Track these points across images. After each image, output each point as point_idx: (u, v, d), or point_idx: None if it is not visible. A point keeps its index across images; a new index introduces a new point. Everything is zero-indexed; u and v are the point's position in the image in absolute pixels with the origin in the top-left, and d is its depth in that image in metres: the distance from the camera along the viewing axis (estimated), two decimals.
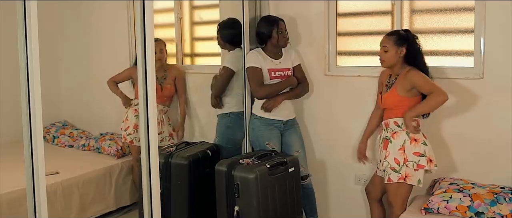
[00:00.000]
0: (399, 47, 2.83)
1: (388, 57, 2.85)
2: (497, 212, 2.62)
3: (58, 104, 4.98)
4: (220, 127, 3.61)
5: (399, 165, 2.78)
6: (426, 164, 2.77)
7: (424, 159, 2.77)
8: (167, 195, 3.23)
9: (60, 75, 4.96)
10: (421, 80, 2.79)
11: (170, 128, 3.97)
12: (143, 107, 2.46)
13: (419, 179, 2.79)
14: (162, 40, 3.89)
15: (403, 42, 2.83)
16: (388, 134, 2.87)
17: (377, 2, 3.37)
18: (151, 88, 2.43)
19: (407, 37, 2.84)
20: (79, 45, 4.85)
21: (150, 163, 2.51)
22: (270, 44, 3.35)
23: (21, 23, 2.02)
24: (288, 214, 3.13)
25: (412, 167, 2.76)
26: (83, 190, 3.68)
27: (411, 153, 2.77)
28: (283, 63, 3.38)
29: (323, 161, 3.62)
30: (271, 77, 3.32)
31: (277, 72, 3.34)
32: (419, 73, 2.80)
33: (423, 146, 2.79)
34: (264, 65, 3.31)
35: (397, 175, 2.78)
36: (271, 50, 3.37)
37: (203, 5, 4.26)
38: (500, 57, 2.88)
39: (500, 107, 2.90)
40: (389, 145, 2.84)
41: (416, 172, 2.77)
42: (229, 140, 3.58)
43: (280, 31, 3.31)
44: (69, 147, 4.51)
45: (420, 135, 2.81)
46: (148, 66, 2.41)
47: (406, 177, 2.77)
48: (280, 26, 3.33)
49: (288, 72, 3.38)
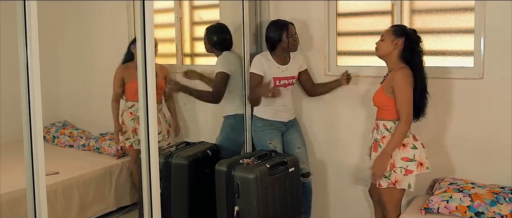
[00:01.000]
0: (396, 38, 2.73)
1: (382, 46, 2.77)
2: (497, 212, 2.62)
3: (58, 104, 4.99)
4: (224, 128, 3.61)
5: (388, 170, 2.72)
6: (416, 168, 2.69)
7: (413, 163, 2.69)
8: (167, 195, 3.24)
9: (60, 75, 4.97)
10: (400, 87, 2.66)
11: (167, 124, 3.97)
12: (143, 108, 2.45)
13: (409, 183, 2.71)
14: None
15: (401, 34, 2.74)
16: (378, 136, 2.80)
17: (377, 2, 3.37)
18: (151, 88, 2.43)
19: (406, 31, 2.76)
20: (79, 45, 4.86)
21: (150, 163, 2.51)
22: (280, 49, 3.29)
23: (21, 23, 2.01)
24: (288, 214, 3.13)
25: (400, 173, 2.69)
26: (83, 190, 3.68)
27: (399, 158, 2.70)
28: (290, 70, 3.34)
29: (323, 161, 3.62)
30: (275, 86, 3.28)
31: (282, 80, 3.30)
32: (403, 79, 2.66)
33: (412, 150, 2.70)
34: (269, 73, 3.27)
35: (386, 180, 2.73)
36: (280, 55, 3.32)
37: (203, 5, 4.26)
38: (500, 57, 2.88)
39: (500, 108, 2.90)
40: (378, 148, 2.77)
41: (406, 177, 2.70)
42: (232, 141, 3.57)
43: (290, 35, 3.26)
44: (69, 147, 4.52)
45: (410, 138, 2.72)
46: (148, 66, 2.41)
47: (396, 182, 2.71)
48: (290, 30, 3.27)
49: (293, 80, 3.36)
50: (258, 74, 3.26)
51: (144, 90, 2.44)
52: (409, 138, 2.72)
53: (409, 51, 2.74)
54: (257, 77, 3.26)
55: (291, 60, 3.36)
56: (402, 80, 2.67)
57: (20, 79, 2.05)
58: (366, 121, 3.26)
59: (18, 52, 2.03)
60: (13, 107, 2.59)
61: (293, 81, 3.38)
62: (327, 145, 3.59)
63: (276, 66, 3.30)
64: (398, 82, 2.67)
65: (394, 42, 2.74)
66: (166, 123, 3.97)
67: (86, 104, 4.89)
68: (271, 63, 3.29)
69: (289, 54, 3.36)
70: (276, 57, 3.31)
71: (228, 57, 3.53)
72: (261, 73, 3.26)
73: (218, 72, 3.47)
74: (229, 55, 3.55)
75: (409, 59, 2.74)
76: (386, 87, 2.75)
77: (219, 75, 3.46)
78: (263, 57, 3.30)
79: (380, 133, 2.79)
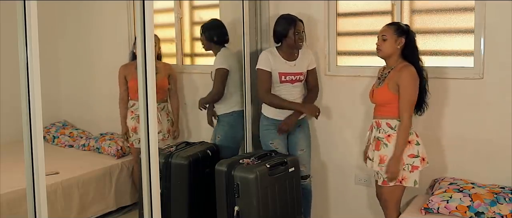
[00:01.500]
0: (399, 37, 2.75)
1: (386, 46, 2.77)
2: (497, 212, 2.62)
3: (58, 104, 4.99)
4: (222, 126, 3.61)
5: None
6: (420, 164, 2.74)
7: (418, 159, 2.73)
8: (167, 195, 3.24)
9: (60, 75, 4.97)
10: (406, 86, 2.68)
11: (169, 123, 3.97)
12: (143, 108, 2.45)
13: (415, 180, 2.75)
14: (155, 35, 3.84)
15: (402, 33, 2.76)
16: (381, 135, 2.79)
17: (377, 2, 3.37)
18: (151, 88, 2.43)
19: (407, 29, 2.78)
20: (79, 45, 4.86)
21: (150, 163, 2.51)
22: (286, 44, 3.26)
23: (21, 23, 2.01)
24: (288, 214, 3.13)
25: (407, 170, 2.72)
26: (83, 190, 3.68)
27: (406, 155, 2.72)
28: (298, 66, 3.30)
29: (323, 161, 3.62)
30: (281, 81, 3.26)
31: (288, 76, 3.26)
32: (412, 79, 2.69)
33: (416, 146, 2.75)
34: (275, 68, 3.24)
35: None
36: (286, 51, 3.29)
37: (203, 5, 4.27)
38: (500, 57, 2.88)
39: (500, 108, 2.90)
40: (383, 148, 2.77)
41: (412, 174, 2.74)
42: (232, 139, 3.58)
43: (297, 32, 3.22)
44: (69, 147, 4.52)
45: (413, 135, 2.75)
46: (148, 66, 2.41)
47: (403, 180, 2.74)
48: (298, 27, 3.24)
49: (301, 76, 3.31)
50: (266, 70, 3.24)
51: (144, 90, 2.44)
52: (413, 135, 2.76)
53: (410, 49, 2.76)
54: (265, 73, 3.24)
55: (300, 57, 3.32)
56: (410, 80, 2.70)
57: (20, 79, 2.05)
58: (367, 121, 3.25)
59: (18, 52, 2.03)
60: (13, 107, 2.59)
61: (301, 78, 3.31)
62: (327, 145, 3.59)
63: (283, 61, 3.27)
64: (405, 81, 2.69)
65: (398, 41, 2.75)
66: (168, 122, 3.96)
67: (86, 104, 4.89)
68: (277, 59, 3.27)
69: (297, 50, 3.33)
70: (283, 53, 3.28)
71: (227, 53, 3.55)
72: (269, 69, 3.24)
73: (218, 68, 3.49)
74: (227, 52, 3.56)
75: (409, 56, 2.76)
76: (391, 84, 2.74)
77: (220, 71, 3.48)
78: (269, 52, 3.28)
79: (383, 131, 2.79)
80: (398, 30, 2.76)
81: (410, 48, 2.76)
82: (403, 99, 2.70)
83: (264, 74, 3.24)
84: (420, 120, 2.97)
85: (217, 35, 3.56)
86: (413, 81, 2.70)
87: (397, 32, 2.76)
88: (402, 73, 2.71)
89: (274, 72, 3.25)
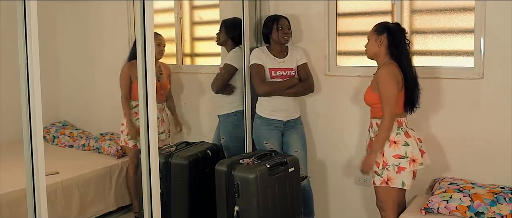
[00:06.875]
0: (379, 36, 2.75)
1: (368, 47, 2.81)
2: (497, 212, 2.62)
3: (58, 104, 4.99)
4: (226, 127, 3.60)
5: (380, 168, 2.73)
6: (408, 165, 2.68)
7: (405, 160, 2.68)
8: (167, 195, 3.24)
9: (60, 75, 4.97)
10: (382, 83, 2.68)
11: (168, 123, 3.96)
12: (143, 108, 2.45)
13: (402, 181, 2.71)
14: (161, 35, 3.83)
15: (382, 31, 2.75)
16: (372, 135, 2.81)
17: (377, 2, 3.37)
18: (151, 88, 2.43)
19: (387, 27, 2.76)
20: (79, 45, 4.85)
21: (150, 163, 2.51)
22: (273, 42, 3.37)
23: (21, 23, 2.02)
24: (288, 214, 3.13)
25: (392, 170, 2.69)
26: (83, 190, 3.68)
27: (391, 156, 2.69)
28: (287, 62, 3.37)
29: (323, 161, 3.62)
30: (271, 77, 3.33)
31: (278, 71, 3.34)
32: (386, 75, 2.68)
33: (404, 147, 2.69)
34: (265, 64, 3.33)
35: (379, 178, 2.73)
36: (275, 49, 3.38)
37: (203, 5, 4.27)
38: (500, 57, 2.88)
39: (500, 108, 2.90)
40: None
41: (398, 175, 2.69)
42: (237, 139, 3.57)
43: (280, 27, 3.32)
44: (69, 147, 4.52)
45: (401, 135, 2.71)
46: (148, 66, 2.41)
47: (388, 180, 2.71)
48: (281, 22, 3.33)
49: (291, 72, 3.36)
50: (259, 64, 3.32)
51: (144, 90, 2.44)
52: (401, 135, 2.71)
53: (394, 46, 2.74)
54: (258, 66, 3.32)
55: (289, 53, 3.40)
56: (384, 76, 2.70)
57: (20, 79, 2.05)
58: (366, 121, 3.25)
59: (18, 52, 2.03)
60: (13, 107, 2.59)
61: (292, 74, 3.37)
62: (327, 144, 3.59)
63: (272, 58, 3.36)
64: (380, 78, 2.70)
65: (378, 40, 2.76)
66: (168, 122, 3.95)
67: (86, 104, 4.89)
68: (267, 56, 3.36)
69: (287, 48, 3.40)
70: (272, 50, 3.38)
71: (240, 54, 3.56)
72: (262, 63, 3.32)
73: (226, 63, 3.52)
74: (240, 52, 3.57)
75: (395, 53, 2.74)
76: (373, 85, 2.78)
77: (228, 66, 3.51)
78: (260, 50, 3.39)
79: (373, 131, 2.81)
80: (378, 29, 2.78)
81: (394, 45, 2.73)
82: (381, 97, 2.71)
83: (257, 67, 3.32)
84: (420, 120, 2.97)
85: (237, 34, 3.57)
86: (389, 77, 2.67)
87: (376, 31, 2.78)
88: (379, 72, 2.74)
89: (265, 68, 3.32)
